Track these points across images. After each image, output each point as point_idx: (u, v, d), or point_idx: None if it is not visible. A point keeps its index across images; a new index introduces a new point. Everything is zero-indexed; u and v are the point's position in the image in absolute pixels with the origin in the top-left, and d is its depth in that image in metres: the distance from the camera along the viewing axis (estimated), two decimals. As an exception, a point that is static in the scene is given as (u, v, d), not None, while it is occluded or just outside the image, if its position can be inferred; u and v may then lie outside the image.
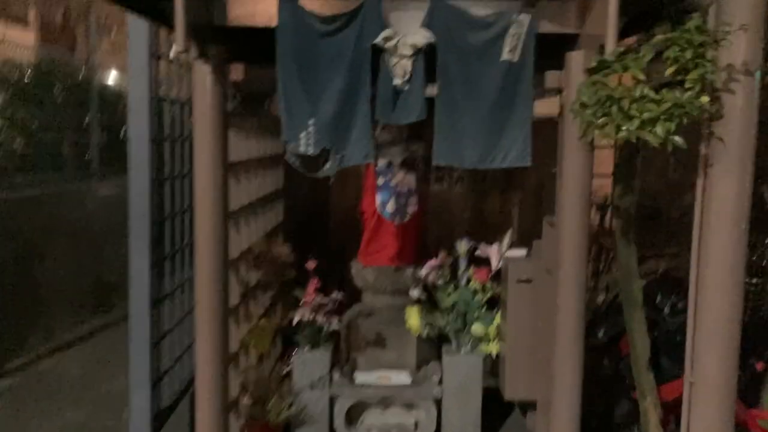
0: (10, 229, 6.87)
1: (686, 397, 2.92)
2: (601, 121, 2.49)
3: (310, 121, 2.88)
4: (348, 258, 4.47)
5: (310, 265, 3.84)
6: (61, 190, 8.31)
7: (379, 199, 4.25)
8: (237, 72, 3.00)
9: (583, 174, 3.04)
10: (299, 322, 3.72)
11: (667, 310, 3.99)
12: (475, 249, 4.05)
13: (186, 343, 4.36)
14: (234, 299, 3.59)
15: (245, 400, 3.56)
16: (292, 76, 2.85)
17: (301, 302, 3.75)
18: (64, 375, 6.31)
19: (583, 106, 2.63)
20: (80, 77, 10.07)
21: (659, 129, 2.40)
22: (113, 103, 10.90)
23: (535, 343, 3.71)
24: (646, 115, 2.40)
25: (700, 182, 2.77)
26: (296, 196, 5.17)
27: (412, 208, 4.28)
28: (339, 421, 3.79)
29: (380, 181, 4.25)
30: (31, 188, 7.97)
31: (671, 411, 3.68)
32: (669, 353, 3.89)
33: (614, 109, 2.45)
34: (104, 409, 5.43)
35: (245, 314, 3.80)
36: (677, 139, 2.42)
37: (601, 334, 4.30)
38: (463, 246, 3.98)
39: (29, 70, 8.88)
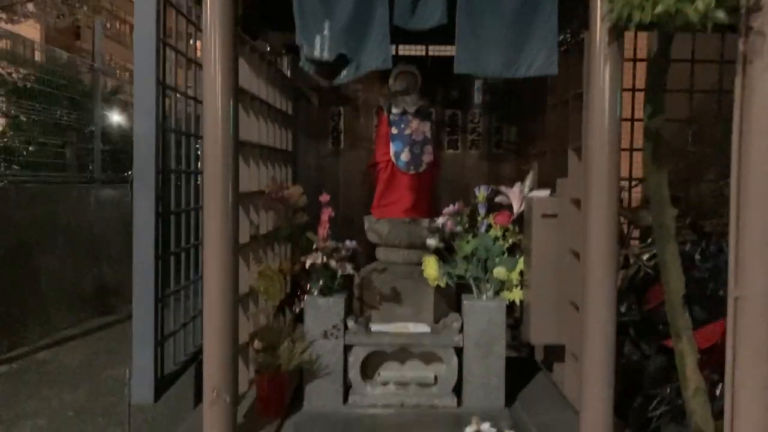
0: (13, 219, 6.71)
1: (731, 313, 2.73)
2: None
3: (325, 25, 2.75)
4: (359, 219, 4.29)
5: (324, 197, 3.67)
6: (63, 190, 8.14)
7: (393, 148, 4.11)
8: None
9: (612, 89, 2.88)
10: (312, 266, 3.53)
11: (697, 256, 3.81)
12: (495, 195, 3.88)
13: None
14: (244, 238, 3.42)
15: (255, 346, 3.35)
16: None
17: (314, 246, 3.57)
18: (64, 363, 6.11)
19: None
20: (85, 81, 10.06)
21: (699, 3, 2.26)
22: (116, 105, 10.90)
23: (562, 283, 3.52)
24: (684, -11, 2.26)
25: (738, 80, 2.63)
26: (306, 161, 5.03)
27: (427, 157, 4.13)
28: (354, 372, 3.58)
29: (394, 130, 4.11)
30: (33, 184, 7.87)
31: (707, 361, 3.47)
32: (701, 301, 3.71)
33: (650, -16, 2.31)
34: (104, 393, 5.22)
35: (255, 257, 3.62)
36: (719, 13, 2.28)
37: (624, 309, 4.12)
38: (481, 192, 3.81)
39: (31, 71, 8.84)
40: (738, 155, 2.65)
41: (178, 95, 3.50)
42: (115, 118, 11.06)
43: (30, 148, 8.93)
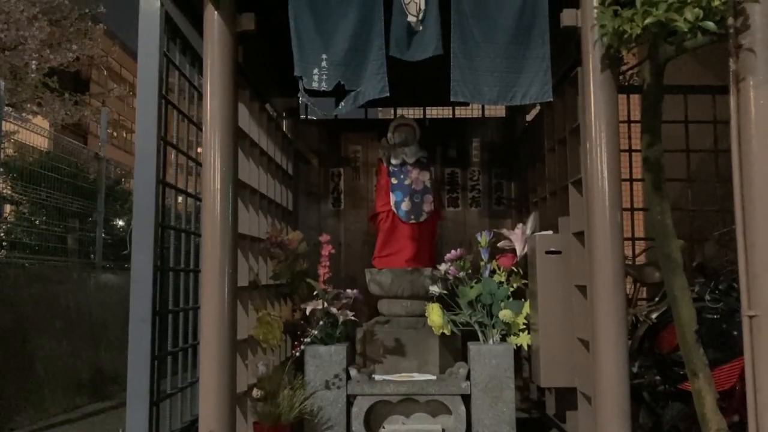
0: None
1: (746, 332, 2.63)
2: (626, 11, 2.41)
3: (323, 56, 2.82)
4: (361, 277, 4.24)
5: (324, 237, 3.62)
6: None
7: (393, 199, 4.11)
8: (248, 21, 2.97)
9: (610, 120, 2.90)
10: (312, 313, 3.44)
11: (707, 297, 3.72)
12: (497, 240, 3.84)
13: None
14: (243, 283, 3.35)
15: (254, 394, 3.21)
16: (304, 10, 2.84)
17: (315, 293, 3.49)
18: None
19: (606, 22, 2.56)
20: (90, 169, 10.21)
21: (688, 14, 2.32)
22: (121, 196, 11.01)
23: (570, 323, 3.42)
24: (673, 1, 2.33)
25: (732, 99, 2.66)
26: (307, 224, 5.02)
27: (427, 206, 4.12)
28: (357, 424, 3.41)
29: (394, 181, 4.13)
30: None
31: (727, 405, 3.32)
32: (715, 342, 3.59)
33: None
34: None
35: (254, 303, 3.54)
36: (710, 23, 2.33)
37: (635, 369, 4.00)
38: (483, 237, 3.77)
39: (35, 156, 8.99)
40: (739, 170, 2.65)
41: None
42: (117, 207, 11.16)
43: (33, 233, 8.94)
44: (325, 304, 3.44)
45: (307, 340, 3.35)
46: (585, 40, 2.90)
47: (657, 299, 4.49)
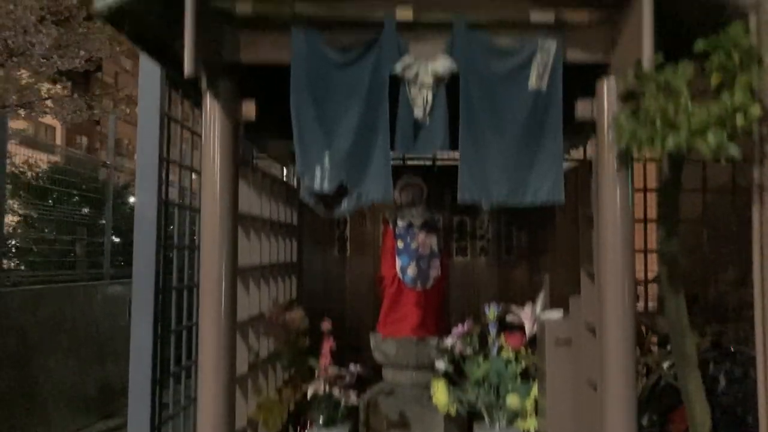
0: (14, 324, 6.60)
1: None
2: (644, 132, 2.27)
3: (325, 155, 2.70)
4: (365, 333, 4.15)
5: (326, 325, 3.53)
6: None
7: (399, 263, 4.01)
8: (248, 109, 2.87)
9: (625, 215, 2.78)
10: (314, 396, 3.36)
11: (722, 381, 3.60)
12: (506, 314, 3.73)
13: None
14: (242, 367, 3.27)
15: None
16: (307, 107, 2.71)
17: (316, 374, 3.41)
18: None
19: (621, 125, 2.43)
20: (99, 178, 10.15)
21: (711, 138, 2.18)
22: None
23: (579, 412, 3.31)
24: (695, 124, 2.19)
25: (756, 210, 2.53)
26: (311, 269, 4.93)
27: (434, 272, 4.01)
28: None
29: (400, 244, 4.02)
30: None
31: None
32: (730, 429, 3.48)
33: (658, 118, 2.24)
34: None
35: (254, 386, 3.46)
36: (732, 147, 2.20)
37: (645, 421, 3.89)
38: (492, 311, 3.67)
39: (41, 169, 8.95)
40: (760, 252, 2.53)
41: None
42: (127, 210, 11.11)
43: (39, 247, 8.91)
44: (327, 387, 3.35)
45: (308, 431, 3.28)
46: (600, 133, 2.78)
47: (669, 347, 4.38)
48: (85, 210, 9.70)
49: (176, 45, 2.55)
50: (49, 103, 12.01)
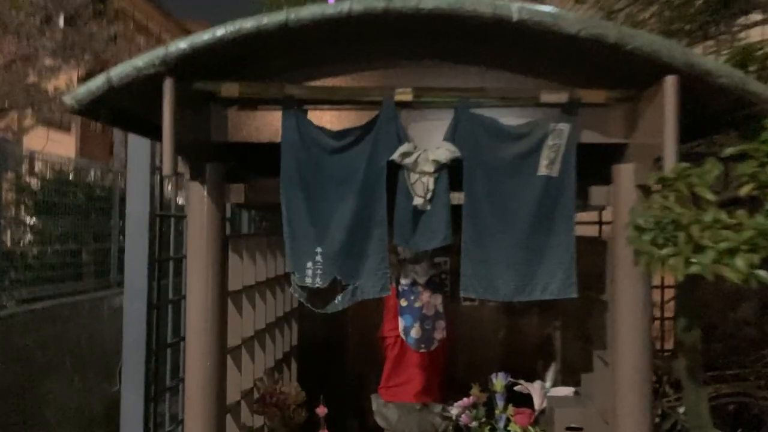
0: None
1: None
2: (665, 252, 2.06)
3: (318, 249, 2.52)
4: (368, 386, 3.99)
5: (321, 411, 3.36)
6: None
7: (402, 323, 3.82)
8: (237, 193, 2.68)
9: (641, 303, 2.59)
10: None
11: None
12: (514, 384, 3.55)
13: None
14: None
15: None
16: (297, 197, 2.52)
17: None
18: None
19: (639, 230, 2.21)
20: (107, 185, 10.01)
21: (740, 262, 1.97)
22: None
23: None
24: (722, 246, 1.97)
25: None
26: (311, 317, 4.75)
27: (439, 333, 3.83)
28: None
29: (403, 302, 3.83)
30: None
31: None
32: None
33: (681, 237, 2.03)
34: None
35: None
36: (762, 274, 1.98)
37: None
38: (499, 381, 3.49)
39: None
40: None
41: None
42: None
43: (44, 261, 8.80)
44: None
45: None
46: (617, 222, 2.57)
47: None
48: (93, 216, 9.59)
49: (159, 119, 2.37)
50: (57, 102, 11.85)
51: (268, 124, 2.60)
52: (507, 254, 2.53)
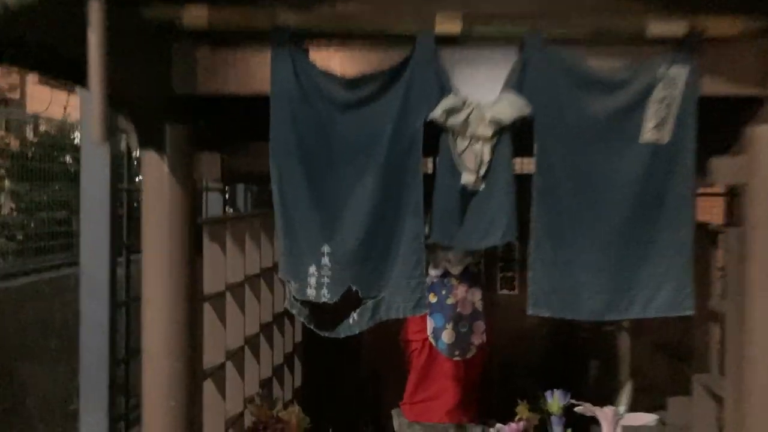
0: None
1: None
2: None
3: (324, 248, 1.80)
4: (387, 402, 3.30)
5: None
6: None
7: (431, 324, 3.12)
8: (210, 166, 1.94)
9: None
10: None
11: None
12: (574, 405, 2.84)
13: None
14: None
15: None
16: (294, 173, 1.80)
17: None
18: None
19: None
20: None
21: None
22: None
23: None
24: None
25: None
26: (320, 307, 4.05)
27: (478, 338, 3.12)
28: None
29: (432, 298, 3.11)
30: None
31: None
32: None
33: None
34: None
35: None
36: None
37: None
38: (556, 401, 2.79)
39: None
40: None
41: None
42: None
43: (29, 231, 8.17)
44: None
45: None
46: (755, 205, 1.83)
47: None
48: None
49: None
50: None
51: (252, 69, 1.86)
52: (596, 255, 1.80)
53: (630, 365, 3.43)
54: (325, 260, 1.80)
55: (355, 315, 1.84)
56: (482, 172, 1.80)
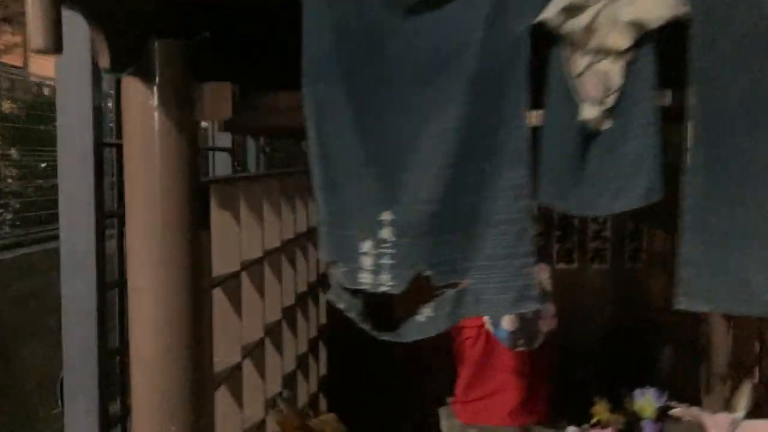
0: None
1: None
2: None
3: (383, 216, 1.26)
4: (432, 402, 2.80)
5: None
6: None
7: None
8: (218, 101, 1.39)
9: None
10: None
11: None
12: (668, 407, 2.32)
13: None
14: None
15: None
16: (340, 108, 1.26)
17: None
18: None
19: None
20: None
21: None
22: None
23: None
24: None
25: None
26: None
27: (546, 324, 2.58)
28: None
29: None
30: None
31: None
32: None
33: None
34: None
35: None
36: None
37: None
38: (648, 402, 2.28)
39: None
40: None
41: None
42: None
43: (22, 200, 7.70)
44: None
45: None
46: None
47: None
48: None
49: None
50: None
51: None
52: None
53: (730, 357, 2.86)
54: (386, 233, 1.25)
55: (427, 310, 1.30)
56: (610, 102, 1.25)
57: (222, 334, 1.77)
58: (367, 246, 1.26)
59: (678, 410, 2.35)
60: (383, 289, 1.27)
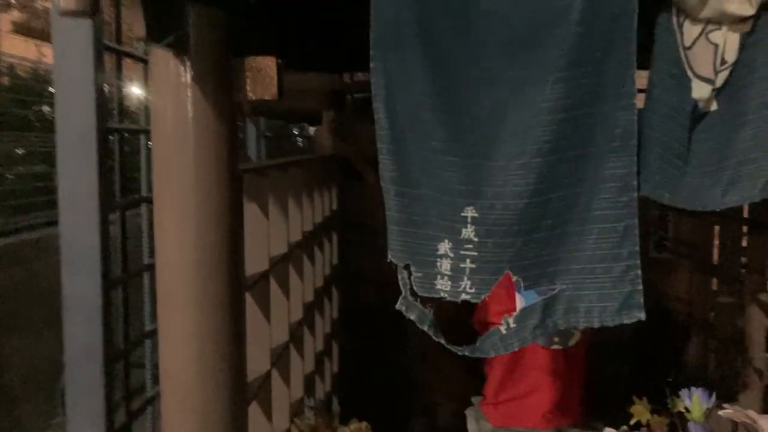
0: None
1: None
2: None
3: (467, 212, 1.07)
4: (458, 402, 2.65)
5: None
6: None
7: (520, 303, 2.38)
8: (262, 77, 1.20)
9: None
10: None
11: None
12: (717, 406, 2.19)
13: None
14: None
15: None
16: (415, 81, 1.08)
17: None
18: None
19: None
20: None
21: None
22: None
23: None
24: None
25: None
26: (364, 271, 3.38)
27: (583, 320, 2.42)
28: None
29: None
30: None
31: None
32: None
33: None
34: None
35: None
36: None
37: None
38: (697, 403, 2.13)
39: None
40: None
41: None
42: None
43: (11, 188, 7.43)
44: None
45: None
46: None
47: None
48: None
49: None
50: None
51: None
52: None
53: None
54: (468, 231, 1.08)
55: (510, 320, 1.14)
56: (723, 80, 1.08)
57: (253, 339, 1.59)
58: (445, 247, 1.09)
59: (729, 411, 2.23)
60: (464, 297, 1.10)
